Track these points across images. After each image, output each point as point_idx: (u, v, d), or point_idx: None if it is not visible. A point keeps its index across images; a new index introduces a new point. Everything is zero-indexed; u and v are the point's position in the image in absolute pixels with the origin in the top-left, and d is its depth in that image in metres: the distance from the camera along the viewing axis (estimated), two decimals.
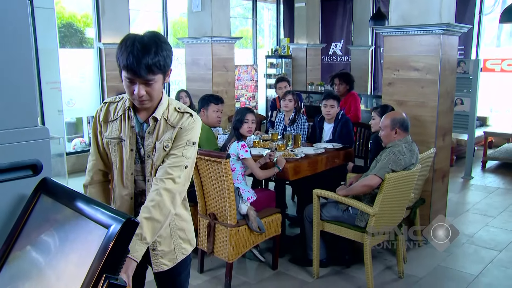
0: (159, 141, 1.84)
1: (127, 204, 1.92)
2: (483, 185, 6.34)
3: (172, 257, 1.98)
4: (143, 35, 1.73)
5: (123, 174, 1.89)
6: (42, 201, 1.11)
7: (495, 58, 8.87)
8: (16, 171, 1.16)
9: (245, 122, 3.75)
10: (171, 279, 2.06)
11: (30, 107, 1.32)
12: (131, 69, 1.68)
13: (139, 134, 1.87)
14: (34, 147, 1.21)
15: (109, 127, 1.89)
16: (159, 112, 1.84)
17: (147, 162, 1.87)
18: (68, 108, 7.15)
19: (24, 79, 1.26)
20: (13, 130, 1.17)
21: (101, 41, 7.18)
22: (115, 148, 1.89)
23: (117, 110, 1.90)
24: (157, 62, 1.70)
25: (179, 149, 1.83)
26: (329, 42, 10.64)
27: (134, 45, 1.68)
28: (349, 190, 3.47)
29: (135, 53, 1.66)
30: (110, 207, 1.03)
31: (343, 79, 5.69)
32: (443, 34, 3.96)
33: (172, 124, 1.85)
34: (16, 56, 1.21)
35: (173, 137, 1.84)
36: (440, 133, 4.20)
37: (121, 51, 1.70)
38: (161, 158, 1.84)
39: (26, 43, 1.26)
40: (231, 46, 6.36)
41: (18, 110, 1.22)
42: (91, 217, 0.98)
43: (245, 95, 9.59)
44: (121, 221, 0.92)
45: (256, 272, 3.80)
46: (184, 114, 1.88)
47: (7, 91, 1.18)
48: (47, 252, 1.02)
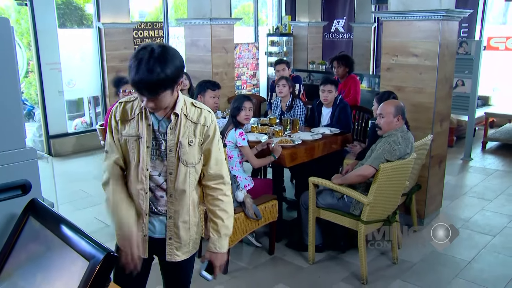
0: (182, 136, 1.93)
1: (143, 198, 1.99)
2: (482, 167, 6.37)
3: (186, 250, 2.09)
4: (152, 51, 1.73)
5: (139, 169, 1.95)
6: (31, 223, 1.15)
7: (500, 36, 8.74)
8: (6, 192, 1.20)
9: (242, 110, 3.77)
10: (179, 269, 2.17)
11: (17, 130, 1.35)
12: (137, 88, 1.75)
13: (158, 130, 1.94)
14: (22, 168, 1.25)
15: (127, 125, 1.95)
16: (178, 108, 1.91)
17: (169, 156, 1.94)
18: (69, 89, 7.15)
19: (11, 103, 1.29)
20: (2, 153, 1.20)
21: (100, 20, 7.12)
22: (133, 145, 1.95)
23: (134, 109, 1.96)
24: (162, 82, 1.74)
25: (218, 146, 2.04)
26: (331, 19, 10.50)
27: (141, 63, 1.71)
28: (344, 179, 3.51)
29: (142, 72, 1.70)
30: (92, 238, 1.07)
31: (342, 62, 5.66)
32: (443, 20, 3.92)
33: (192, 120, 1.95)
34: (2, 82, 1.23)
35: (197, 134, 1.95)
36: (438, 119, 4.20)
37: (131, 67, 1.75)
38: (189, 154, 1.94)
39: (12, 67, 1.28)
40: (230, 27, 6.30)
41: (6, 133, 1.25)
42: (74, 248, 1.03)
43: (246, 73, 9.54)
44: (101, 255, 0.97)
45: (252, 257, 3.88)
46: (202, 110, 1.99)
47: None
48: (33, 278, 1.06)
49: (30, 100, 9.59)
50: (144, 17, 10.72)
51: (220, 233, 2.07)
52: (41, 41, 6.61)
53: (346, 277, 3.54)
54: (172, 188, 1.97)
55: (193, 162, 1.97)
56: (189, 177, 1.98)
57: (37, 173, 1.31)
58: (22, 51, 9.35)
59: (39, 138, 7.10)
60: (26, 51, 9.30)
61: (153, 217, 2.03)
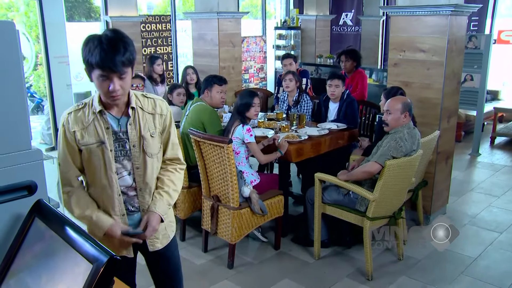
0: (143, 129, 1.97)
1: (117, 201, 1.99)
2: (490, 162, 6.33)
3: (163, 234, 2.14)
4: (106, 34, 1.78)
5: (108, 174, 1.94)
6: (36, 224, 1.18)
7: (511, 29, 8.64)
8: (13, 193, 1.23)
9: (252, 106, 3.78)
10: (165, 259, 2.20)
11: (23, 131, 1.37)
12: (107, 65, 1.74)
13: (120, 130, 1.95)
14: (28, 169, 1.28)
15: (85, 133, 1.91)
16: (133, 102, 1.95)
17: (134, 151, 1.97)
18: (77, 82, 7.19)
19: (17, 106, 1.31)
20: (8, 155, 1.23)
21: (107, 14, 7.14)
22: (97, 151, 1.91)
23: (86, 116, 1.92)
24: (128, 56, 1.79)
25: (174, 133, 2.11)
26: (339, 12, 10.44)
27: (103, 43, 1.74)
28: (350, 175, 3.51)
29: (107, 50, 1.73)
30: (96, 240, 1.09)
31: (350, 56, 5.63)
32: (451, 15, 3.88)
33: (148, 111, 2.00)
34: (7, 84, 1.25)
35: (156, 124, 2.01)
36: (445, 115, 4.18)
37: (90, 51, 1.75)
38: (152, 145, 1.99)
39: (17, 70, 1.30)
40: (238, 21, 6.28)
41: (12, 135, 1.27)
42: (78, 250, 1.06)
43: (254, 67, 9.53)
44: (104, 258, 0.99)
45: (258, 252, 3.90)
46: (155, 100, 2.05)
47: (0, 118, 1.23)
48: (39, 278, 1.09)
49: (39, 93, 9.67)
50: (152, 9, 10.72)
51: (163, 196, 2.05)
52: (49, 35, 6.64)
53: (351, 272, 3.55)
54: (141, 182, 2.01)
55: (156, 152, 2.04)
56: (155, 167, 2.05)
57: (43, 174, 1.34)
58: (31, 44, 9.40)
59: (48, 132, 7.15)
60: (35, 44, 9.36)
61: (130, 215, 2.05)
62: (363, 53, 7.32)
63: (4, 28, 1.30)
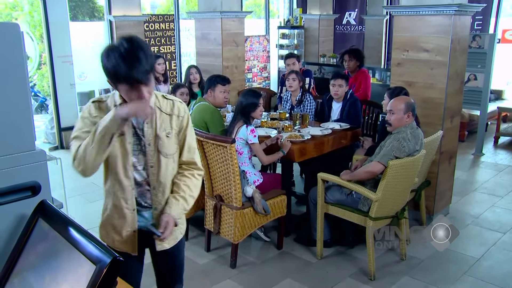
0: (159, 129, 1.98)
1: (129, 194, 2.00)
2: (494, 162, 6.31)
3: (172, 237, 2.14)
4: (124, 47, 1.75)
5: (124, 164, 1.96)
6: (40, 225, 1.19)
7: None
8: (17, 193, 1.24)
9: (258, 106, 3.78)
10: (172, 258, 2.22)
11: (27, 133, 1.38)
12: (133, 79, 1.75)
13: (137, 126, 1.97)
14: (32, 169, 1.29)
15: None
16: (152, 102, 1.94)
17: (149, 149, 1.98)
18: (80, 82, 7.21)
19: (21, 107, 1.32)
20: (12, 156, 1.24)
21: (111, 13, 7.15)
22: (117, 140, 1.92)
23: (109, 108, 1.94)
24: (150, 63, 1.80)
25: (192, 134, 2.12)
26: (343, 11, 10.41)
27: (124, 57, 1.73)
28: (353, 175, 3.51)
29: (130, 64, 1.73)
30: (100, 241, 1.10)
31: (353, 56, 5.62)
32: (455, 15, 3.87)
33: (166, 112, 2.02)
34: (12, 86, 1.26)
35: (173, 125, 2.02)
36: (448, 115, 4.17)
37: (113, 65, 1.74)
38: (168, 145, 2.00)
39: (21, 72, 1.31)
40: (241, 20, 6.28)
41: (16, 137, 1.28)
42: (82, 251, 1.06)
43: (257, 66, 9.53)
44: (107, 259, 1.00)
45: (261, 252, 3.91)
46: (174, 101, 2.07)
47: (5, 120, 1.25)
48: (42, 279, 1.10)
49: (42, 92, 9.71)
50: (155, 9, 10.74)
51: (179, 200, 2.05)
52: (53, 34, 6.67)
53: (354, 272, 3.55)
54: (155, 181, 2.03)
55: (172, 153, 2.05)
56: (170, 167, 2.05)
57: (47, 174, 1.35)
58: (35, 44, 9.44)
59: (51, 131, 7.18)
60: (39, 43, 9.39)
61: (141, 210, 2.07)
62: (366, 53, 7.31)
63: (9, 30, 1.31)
